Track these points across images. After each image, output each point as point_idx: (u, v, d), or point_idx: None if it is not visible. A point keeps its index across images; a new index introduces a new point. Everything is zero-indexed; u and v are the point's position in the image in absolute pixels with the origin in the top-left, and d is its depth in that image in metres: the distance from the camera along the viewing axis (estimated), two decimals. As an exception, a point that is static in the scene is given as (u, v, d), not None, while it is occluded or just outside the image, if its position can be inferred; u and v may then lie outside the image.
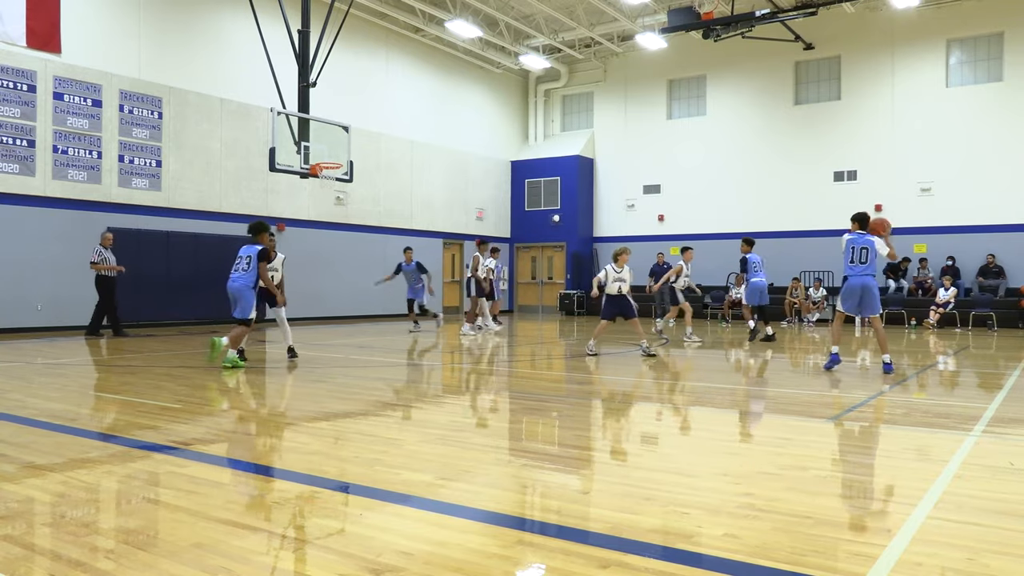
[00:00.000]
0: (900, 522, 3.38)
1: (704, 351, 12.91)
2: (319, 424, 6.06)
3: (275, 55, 15.28)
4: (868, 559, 2.92)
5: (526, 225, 26.96)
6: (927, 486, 3.99)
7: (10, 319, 14.44)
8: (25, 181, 14.66)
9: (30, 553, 3.00)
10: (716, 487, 4.04)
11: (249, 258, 9.12)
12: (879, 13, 21.38)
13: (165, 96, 16.88)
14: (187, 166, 17.32)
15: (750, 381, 9.12)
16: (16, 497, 3.76)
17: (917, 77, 21.08)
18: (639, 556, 2.95)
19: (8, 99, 14.41)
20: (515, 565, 2.92)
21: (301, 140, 14.61)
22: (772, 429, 5.85)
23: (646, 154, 25.41)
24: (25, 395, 7.20)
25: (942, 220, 20.69)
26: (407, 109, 23.01)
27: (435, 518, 3.49)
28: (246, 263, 9.13)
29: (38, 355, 11.01)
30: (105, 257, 13.79)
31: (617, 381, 9.04)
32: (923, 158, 20.91)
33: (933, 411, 6.78)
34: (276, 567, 2.89)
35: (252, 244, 9.30)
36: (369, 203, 21.65)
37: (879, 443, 5.39)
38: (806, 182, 22.54)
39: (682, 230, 24.28)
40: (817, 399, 7.31)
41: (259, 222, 9.59)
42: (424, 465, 4.51)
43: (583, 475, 4.40)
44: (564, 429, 5.86)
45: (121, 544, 3.09)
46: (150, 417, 6.08)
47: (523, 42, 24.36)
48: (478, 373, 9.91)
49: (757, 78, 23.41)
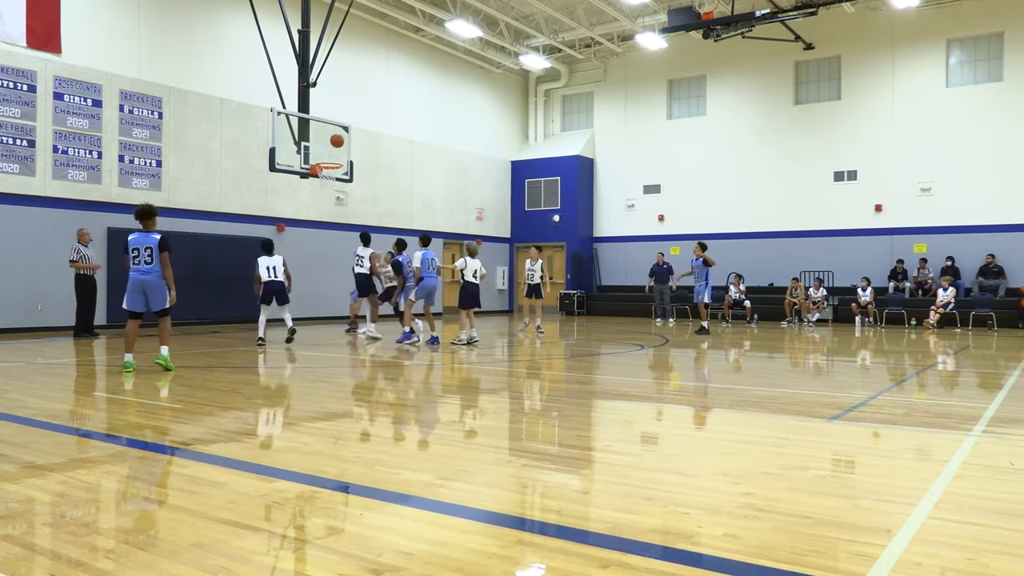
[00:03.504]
0: (900, 522, 3.38)
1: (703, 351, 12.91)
2: (319, 424, 6.06)
3: (275, 55, 15.28)
4: (868, 559, 2.92)
5: (526, 225, 26.96)
6: (927, 486, 3.99)
7: (10, 319, 14.44)
8: (25, 181, 14.66)
9: (30, 553, 3.00)
10: (716, 487, 4.04)
11: (150, 248, 8.73)
12: (879, 13, 21.38)
13: (165, 96, 16.88)
14: (187, 166, 17.32)
15: (750, 381, 9.12)
16: (16, 497, 3.76)
17: (917, 77, 21.09)
18: (639, 556, 2.95)
19: (8, 99, 14.41)
20: (515, 565, 2.92)
21: (301, 140, 14.60)
22: (772, 429, 5.85)
23: (646, 154, 25.41)
24: (25, 395, 7.20)
25: (942, 220, 20.69)
26: (407, 109, 23.01)
27: (435, 518, 3.49)
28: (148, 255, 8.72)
29: (38, 355, 11.01)
30: (84, 255, 13.70)
31: (616, 381, 9.04)
32: (923, 158, 20.92)
33: (933, 411, 6.78)
34: (276, 567, 2.88)
35: (147, 233, 8.84)
36: (369, 203, 21.64)
37: (879, 443, 5.39)
38: (806, 182, 22.55)
39: (682, 230, 24.29)
40: (817, 399, 7.31)
41: (148, 206, 9.02)
42: (424, 465, 4.52)
43: (583, 475, 4.40)
44: (564, 429, 5.86)
45: (121, 544, 3.09)
46: (150, 417, 6.09)
47: (523, 42, 24.37)
48: (477, 373, 9.90)
49: (757, 78, 23.41)
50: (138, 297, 8.81)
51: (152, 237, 8.75)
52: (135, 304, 8.85)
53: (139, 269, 8.73)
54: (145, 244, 8.71)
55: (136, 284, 8.74)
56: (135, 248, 8.73)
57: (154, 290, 8.78)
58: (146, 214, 8.87)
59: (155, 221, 8.96)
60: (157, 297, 8.83)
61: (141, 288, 8.76)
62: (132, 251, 8.74)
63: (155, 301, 8.85)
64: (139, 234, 8.80)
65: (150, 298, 8.83)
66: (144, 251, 8.71)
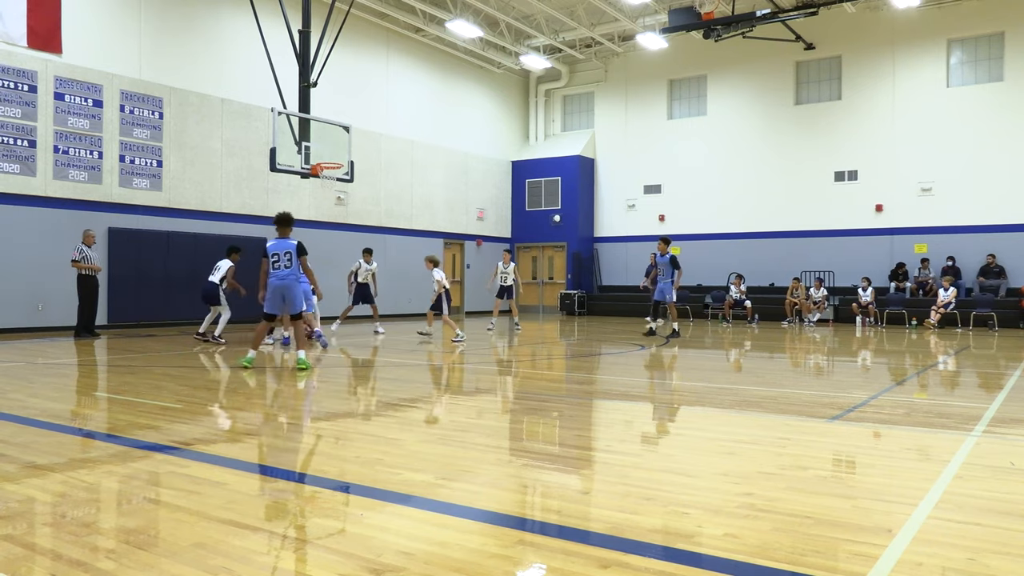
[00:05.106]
0: (901, 522, 3.38)
1: (703, 351, 12.91)
2: (320, 424, 6.06)
3: (276, 55, 15.30)
4: (869, 559, 2.92)
5: (527, 225, 26.96)
6: (928, 486, 3.99)
7: (11, 319, 14.45)
8: (26, 181, 14.67)
9: (31, 553, 3.00)
10: (716, 487, 4.05)
11: (289, 253, 9.15)
12: (880, 13, 21.38)
13: (166, 96, 16.88)
14: (188, 166, 17.32)
15: (750, 381, 9.11)
16: (17, 497, 3.76)
17: (918, 77, 21.08)
18: (639, 556, 2.96)
19: (9, 99, 14.42)
20: (515, 565, 2.92)
21: (302, 140, 14.62)
22: (772, 429, 5.84)
23: (647, 154, 25.41)
24: (26, 395, 7.20)
25: (943, 220, 20.69)
26: (407, 109, 23.01)
27: (436, 518, 3.49)
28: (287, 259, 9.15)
29: (39, 355, 11.01)
30: (87, 255, 13.73)
31: (616, 381, 9.04)
32: (924, 158, 20.91)
33: (934, 411, 6.78)
34: (277, 567, 2.89)
35: (285, 239, 9.27)
36: (370, 203, 21.65)
37: (880, 443, 5.39)
38: (807, 182, 22.55)
39: (683, 230, 24.31)
40: (817, 399, 7.31)
41: (286, 214, 9.46)
42: (425, 465, 4.52)
43: (583, 475, 4.40)
44: (564, 429, 5.86)
45: (122, 544, 3.10)
46: (150, 417, 6.09)
47: (524, 42, 24.37)
48: (478, 373, 9.91)
49: (758, 78, 23.41)
50: (277, 300, 9.20)
51: (290, 243, 9.17)
52: (273, 307, 9.30)
53: (278, 274, 9.10)
54: (284, 249, 9.12)
55: (276, 288, 9.11)
56: (275, 253, 9.12)
57: (292, 293, 9.13)
58: (284, 221, 9.28)
59: (291, 228, 9.34)
60: (294, 300, 9.18)
61: (280, 292, 9.13)
62: (272, 256, 9.13)
63: (292, 304, 9.20)
64: (277, 240, 9.21)
65: (288, 301, 9.18)
66: (284, 256, 9.11)
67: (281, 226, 9.24)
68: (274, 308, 9.30)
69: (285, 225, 9.26)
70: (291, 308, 9.24)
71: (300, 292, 9.24)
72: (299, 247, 9.19)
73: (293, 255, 9.13)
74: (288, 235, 9.28)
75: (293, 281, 9.13)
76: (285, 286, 9.10)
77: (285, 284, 9.10)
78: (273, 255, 9.12)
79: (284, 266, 9.11)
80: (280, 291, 9.14)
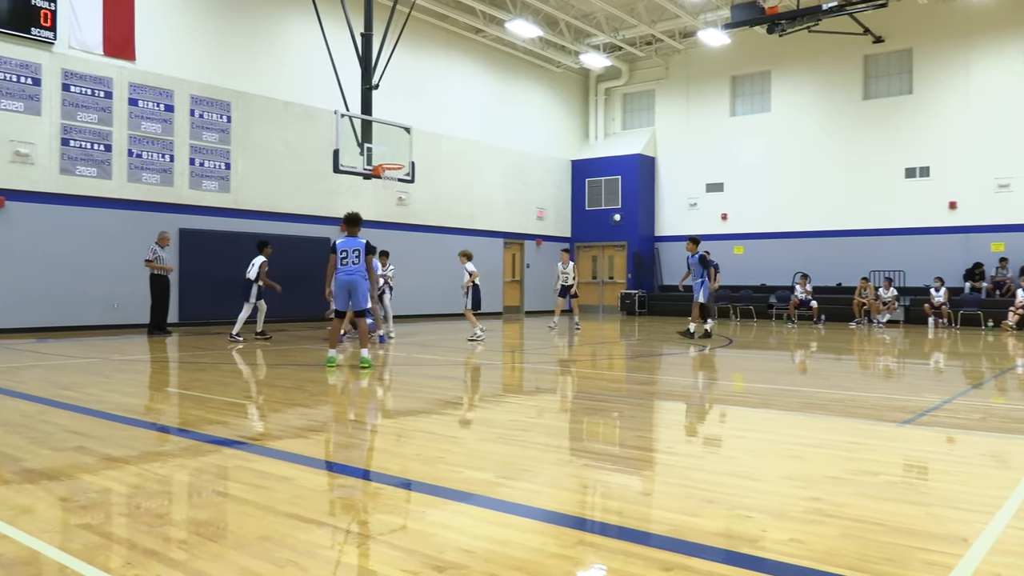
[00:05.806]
0: (977, 531, 3.25)
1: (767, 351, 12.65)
2: (381, 421, 6.14)
3: (338, 58, 15.55)
4: (943, 568, 2.82)
5: (587, 224, 26.84)
6: (1006, 494, 3.83)
7: (87, 317, 15.03)
8: (102, 184, 15.24)
9: (108, 542, 3.11)
10: (781, 491, 3.96)
11: (357, 251, 9.40)
12: (953, 4, 20.63)
13: (233, 100, 17.33)
14: (254, 168, 17.75)
15: (816, 383, 8.90)
16: (95, 488, 3.91)
17: (994, 69, 20.26)
18: (702, 559, 2.91)
19: (87, 105, 15.00)
20: (576, 565, 2.91)
21: (364, 141, 14.83)
22: (840, 432, 5.69)
23: (709, 152, 25.04)
24: (103, 390, 7.48)
25: (1021, 217, 19.84)
26: (467, 110, 23.14)
27: (496, 517, 3.50)
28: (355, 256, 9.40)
29: (114, 352, 11.43)
30: (160, 256, 14.19)
31: (677, 382, 8.93)
32: (1000, 153, 20.09)
33: (1012, 416, 6.51)
34: (341, 561, 2.94)
35: (353, 238, 9.50)
36: (430, 203, 21.84)
37: (954, 448, 5.20)
38: (875, 179, 21.90)
39: (745, 228, 23.89)
40: (887, 402, 7.10)
41: (355, 214, 9.73)
42: (485, 464, 4.54)
43: (644, 476, 4.36)
44: (624, 429, 5.82)
45: (193, 535, 3.19)
46: (219, 412, 6.26)
47: (583, 41, 24.26)
48: (536, 373, 9.91)
49: (824, 73, 22.84)
50: (343, 296, 9.48)
51: (359, 241, 9.45)
52: (341, 303, 9.58)
53: (346, 270, 9.36)
54: (353, 247, 9.40)
55: (343, 284, 9.39)
56: (343, 251, 9.39)
57: (358, 289, 9.40)
58: (353, 221, 9.57)
59: (360, 228, 9.61)
60: (360, 296, 9.43)
61: (347, 288, 9.40)
62: (340, 253, 9.40)
63: (357, 300, 9.45)
64: (346, 238, 9.48)
65: (353, 297, 9.44)
66: (352, 253, 9.38)
67: (350, 225, 9.50)
68: (342, 304, 9.54)
69: (354, 224, 9.51)
70: (356, 304, 9.44)
71: (366, 289, 9.45)
72: (367, 246, 9.48)
73: (361, 253, 9.37)
74: (356, 234, 9.51)
75: (359, 278, 9.35)
76: (352, 281, 9.32)
77: (352, 280, 9.31)
78: (342, 251, 9.36)
79: (352, 263, 9.34)
80: (347, 287, 9.36)
